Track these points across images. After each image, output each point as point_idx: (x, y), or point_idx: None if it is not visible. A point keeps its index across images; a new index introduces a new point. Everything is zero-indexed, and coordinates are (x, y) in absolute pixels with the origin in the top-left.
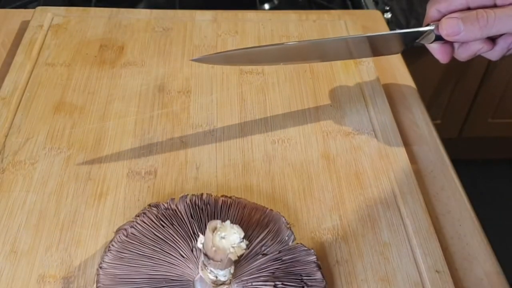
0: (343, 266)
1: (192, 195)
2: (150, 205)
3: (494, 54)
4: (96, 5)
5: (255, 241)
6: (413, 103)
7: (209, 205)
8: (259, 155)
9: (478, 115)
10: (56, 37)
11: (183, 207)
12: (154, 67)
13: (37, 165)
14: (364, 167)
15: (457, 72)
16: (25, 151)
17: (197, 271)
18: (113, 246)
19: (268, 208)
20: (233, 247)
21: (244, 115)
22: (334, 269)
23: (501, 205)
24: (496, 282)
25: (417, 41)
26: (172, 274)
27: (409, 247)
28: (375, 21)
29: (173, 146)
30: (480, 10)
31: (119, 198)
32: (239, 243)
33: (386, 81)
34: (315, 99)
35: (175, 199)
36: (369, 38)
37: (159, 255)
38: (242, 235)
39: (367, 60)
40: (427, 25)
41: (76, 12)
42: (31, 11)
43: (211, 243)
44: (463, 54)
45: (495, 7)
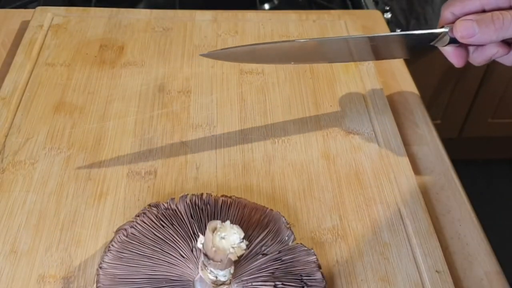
0: (343, 266)
1: (192, 195)
2: (150, 205)
3: (510, 58)
4: (96, 5)
5: (255, 241)
6: (413, 103)
7: (209, 205)
8: (259, 155)
9: (478, 115)
10: (56, 37)
11: (183, 207)
12: (154, 67)
13: (37, 165)
14: (364, 167)
15: (457, 72)
16: (25, 151)
17: (197, 271)
18: (113, 246)
19: (268, 208)
20: (233, 248)
21: (244, 115)
22: (334, 269)
23: (501, 205)
24: (496, 282)
25: (431, 43)
26: (172, 274)
27: (409, 247)
28: (375, 21)
29: (173, 146)
30: (495, 12)
31: (119, 198)
32: (239, 243)
33: (386, 81)
34: (315, 99)
35: (175, 199)
36: (382, 38)
37: (159, 255)
38: (242, 235)
39: None
40: (441, 27)
41: (76, 12)
42: (31, 11)
43: (211, 244)
44: (478, 58)
45: (511, 9)
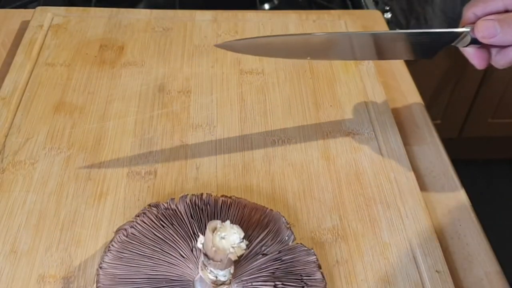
0: (343, 266)
1: (192, 195)
2: (150, 205)
3: None
4: (96, 5)
5: (255, 241)
6: (413, 103)
7: (209, 205)
8: (259, 155)
9: (478, 115)
10: (56, 37)
11: (183, 207)
12: (154, 67)
13: (37, 165)
14: (364, 167)
15: (457, 72)
16: (25, 151)
17: (197, 271)
18: (113, 246)
19: (268, 208)
20: (233, 247)
21: (244, 115)
22: (334, 269)
23: (501, 205)
24: (496, 282)
25: (452, 43)
26: (172, 274)
27: (409, 247)
28: (375, 21)
29: (173, 146)
30: None
31: (119, 198)
32: (239, 243)
33: (386, 81)
34: (315, 99)
35: (175, 199)
36: (403, 34)
37: (159, 255)
38: (242, 235)
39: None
40: (463, 27)
41: (76, 12)
42: (31, 11)
43: (211, 243)
44: (501, 60)
45: None
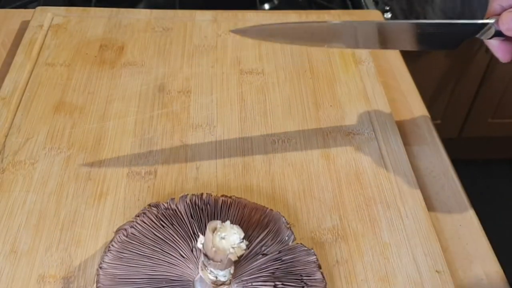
0: (343, 266)
1: (192, 195)
2: (150, 205)
3: None
4: (96, 5)
5: (255, 241)
6: (413, 103)
7: (209, 205)
8: (259, 155)
9: (478, 115)
10: (56, 37)
11: (183, 207)
12: (154, 67)
13: (37, 165)
14: (364, 167)
15: (457, 72)
16: (25, 151)
17: (197, 271)
18: (113, 246)
19: (268, 208)
20: (233, 248)
21: (244, 115)
22: (334, 269)
23: (501, 205)
24: (496, 282)
25: (476, 35)
26: (172, 274)
27: (409, 247)
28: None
29: (173, 146)
30: None
31: (119, 198)
32: (239, 243)
33: (386, 81)
34: (315, 99)
35: (175, 199)
36: (425, 25)
37: (159, 255)
38: (242, 235)
39: (367, 60)
40: (487, 19)
41: (76, 12)
42: (31, 11)
43: (211, 244)
44: None
45: None
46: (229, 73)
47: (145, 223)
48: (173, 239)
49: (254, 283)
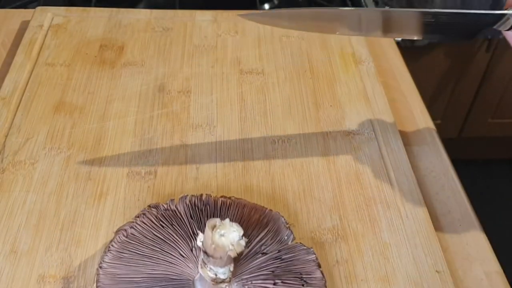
0: (343, 266)
1: (191, 195)
2: (149, 206)
3: None
4: (96, 5)
5: (254, 240)
6: (413, 103)
7: (208, 206)
8: (259, 155)
9: (478, 115)
10: (56, 37)
11: (183, 208)
12: (154, 67)
13: (37, 165)
14: (364, 167)
15: (457, 72)
16: (25, 151)
17: (196, 270)
18: (113, 246)
19: (267, 208)
20: (233, 245)
21: (244, 115)
22: (334, 269)
23: (501, 205)
24: (496, 282)
25: (494, 26)
26: (171, 273)
27: (409, 247)
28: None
29: (173, 146)
30: None
31: (119, 198)
32: (239, 240)
33: (386, 81)
34: (315, 99)
35: (174, 200)
36: (440, 14)
37: (159, 254)
38: (241, 232)
39: (367, 60)
40: (506, 10)
41: (76, 12)
42: (31, 11)
43: (211, 241)
44: None
45: None
46: (229, 73)
47: (144, 223)
48: (173, 239)
49: (253, 281)
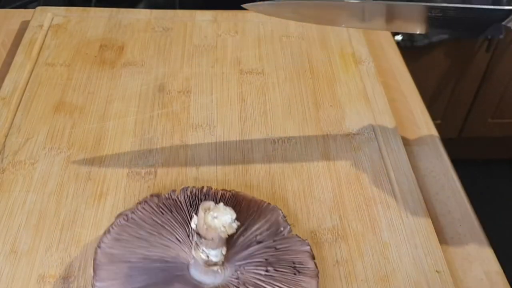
0: (343, 266)
1: (192, 187)
2: (151, 195)
3: None
4: (96, 5)
5: (250, 229)
6: (413, 103)
7: (208, 196)
8: (259, 155)
9: (478, 115)
10: (56, 37)
11: (183, 198)
12: (154, 67)
13: (37, 165)
14: (364, 167)
15: (457, 72)
16: (25, 151)
17: (192, 256)
18: (112, 229)
19: (266, 202)
20: (224, 227)
21: (244, 115)
22: (334, 269)
23: (501, 205)
24: (496, 282)
25: (503, 22)
26: (167, 255)
27: (409, 247)
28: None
29: (173, 146)
30: None
31: (119, 198)
32: (231, 223)
33: (386, 81)
34: (315, 99)
35: (176, 191)
36: (447, 9)
37: (156, 238)
38: (234, 216)
39: (367, 60)
40: None
41: (76, 12)
42: (31, 11)
43: (203, 221)
44: None
45: None
46: (229, 73)
47: (145, 209)
48: (171, 224)
49: (246, 267)
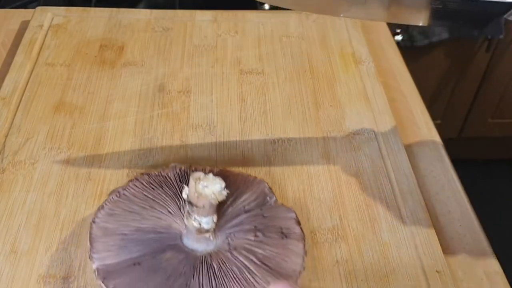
0: (343, 266)
1: (181, 164)
2: (141, 173)
3: None
4: (96, 5)
5: (238, 200)
6: (413, 103)
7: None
8: (259, 155)
9: (478, 115)
10: (56, 37)
11: (173, 174)
12: (154, 67)
13: (37, 165)
14: (364, 167)
15: (457, 72)
16: (25, 151)
17: (184, 226)
18: (106, 205)
19: (252, 176)
20: (214, 194)
21: (244, 115)
22: (334, 269)
23: (501, 205)
24: (496, 282)
25: (505, 16)
26: (159, 226)
27: (409, 247)
28: (375, 21)
29: (173, 146)
30: None
31: None
32: (221, 191)
33: (386, 81)
34: (315, 99)
35: (165, 169)
36: (452, 1)
37: (148, 211)
38: (223, 184)
39: (367, 60)
40: None
41: (76, 12)
42: (31, 11)
43: (194, 190)
44: None
45: None
46: (229, 73)
47: (136, 186)
48: (162, 198)
49: (236, 234)
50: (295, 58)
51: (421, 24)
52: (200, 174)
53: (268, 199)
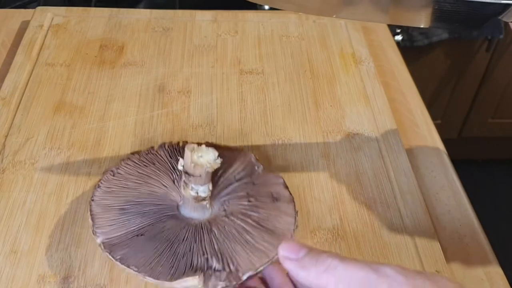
0: None
1: (169, 142)
2: (131, 153)
3: None
4: (96, 5)
5: (228, 171)
6: (413, 103)
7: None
8: (259, 155)
9: (478, 115)
10: (56, 37)
11: (162, 152)
12: (154, 67)
13: (37, 165)
14: (364, 167)
15: (457, 72)
16: (25, 151)
17: (179, 198)
18: (102, 184)
19: (237, 149)
20: (209, 163)
21: (244, 115)
22: None
23: (501, 205)
24: (496, 282)
25: (499, 17)
26: (156, 199)
27: (409, 247)
28: (375, 22)
29: None
30: None
31: None
32: (215, 159)
33: (386, 81)
34: (315, 99)
35: (154, 147)
36: (443, 1)
37: (144, 186)
38: (216, 154)
39: (367, 60)
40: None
41: (76, 12)
42: (31, 11)
43: (190, 160)
44: None
45: None
46: (229, 73)
47: (129, 165)
48: (156, 174)
49: (231, 201)
50: (295, 58)
51: (416, 25)
52: (194, 145)
53: (256, 168)
